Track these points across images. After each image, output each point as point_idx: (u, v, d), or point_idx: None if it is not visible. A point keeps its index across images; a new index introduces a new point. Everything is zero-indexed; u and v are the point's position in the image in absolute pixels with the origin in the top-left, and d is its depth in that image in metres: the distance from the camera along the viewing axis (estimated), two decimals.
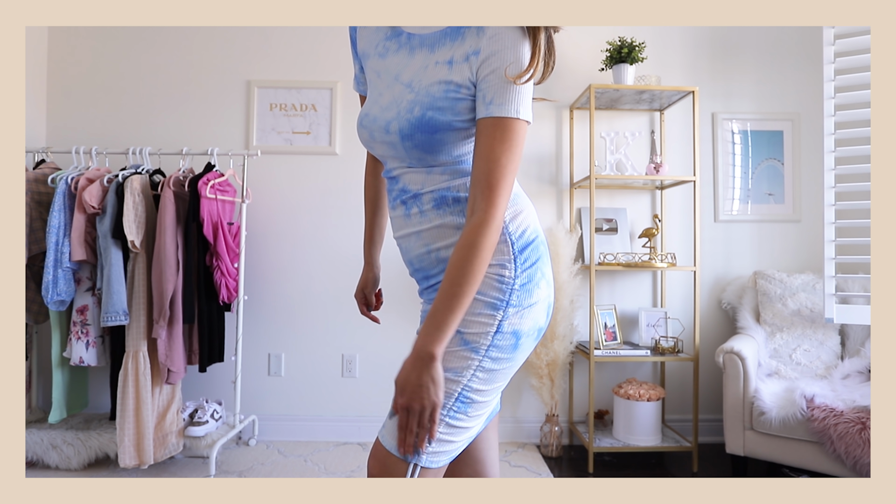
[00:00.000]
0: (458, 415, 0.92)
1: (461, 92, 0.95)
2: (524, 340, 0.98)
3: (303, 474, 2.43)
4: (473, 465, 1.16)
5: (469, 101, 0.95)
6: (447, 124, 0.95)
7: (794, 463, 2.21)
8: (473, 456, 1.16)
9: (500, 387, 0.98)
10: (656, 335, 2.73)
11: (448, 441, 0.92)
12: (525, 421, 2.90)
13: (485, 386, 0.94)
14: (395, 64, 1.03)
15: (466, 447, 1.12)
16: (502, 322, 0.95)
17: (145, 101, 2.92)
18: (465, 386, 0.92)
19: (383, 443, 0.93)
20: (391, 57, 1.04)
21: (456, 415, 0.92)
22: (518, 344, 0.97)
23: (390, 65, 1.03)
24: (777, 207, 2.98)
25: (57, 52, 2.92)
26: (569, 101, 2.95)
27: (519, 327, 0.97)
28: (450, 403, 0.91)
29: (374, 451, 0.94)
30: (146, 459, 2.25)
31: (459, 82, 0.95)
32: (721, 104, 2.99)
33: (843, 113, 2.32)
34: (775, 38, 3.01)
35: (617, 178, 2.64)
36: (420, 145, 0.96)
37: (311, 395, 2.90)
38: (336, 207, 2.92)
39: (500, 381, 0.97)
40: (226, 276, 2.50)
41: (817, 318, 2.57)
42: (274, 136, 2.92)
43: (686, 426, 2.91)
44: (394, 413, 0.92)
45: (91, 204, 2.26)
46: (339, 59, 2.94)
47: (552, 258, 2.67)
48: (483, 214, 0.89)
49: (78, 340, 2.34)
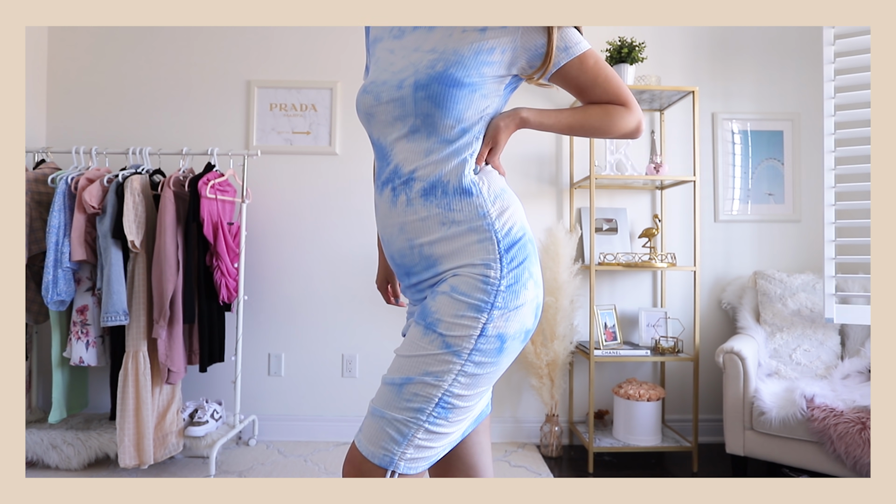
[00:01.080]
0: (438, 420, 0.89)
1: (494, 54, 0.98)
2: (510, 344, 0.93)
3: (303, 474, 2.43)
4: (465, 470, 1.12)
5: (497, 64, 0.98)
6: (467, 83, 0.95)
7: (794, 463, 2.21)
8: (465, 461, 1.12)
9: (484, 391, 0.94)
10: (656, 335, 2.73)
11: (427, 447, 0.90)
12: (525, 421, 2.90)
13: (467, 391, 0.91)
14: (414, 39, 1.02)
15: (456, 450, 1.09)
16: (486, 325, 0.90)
17: (145, 101, 2.92)
18: (447, 391, 0.89)
19: (360, 448, 0.90)
20: (408, 36, 1.04)
21: (436, 420, 0.89)
22: (503, 348, 0.92)
23: (408, 42, 1.03)
24: (777, 207, 2.98)
25: (57, 52, 2.92)
26: (569, 101, 2.95)
27: (504, 330, 0.92)
28: (429, 409, 0.88)
29: (350, 456, 0.91)
30: (146, 459, 2.25)
31: (493, 45, 0.98)
32: (721, 104, 2.99)
33: (843, 113, 2.32)
34: (775, 38, 3.01)
35: (617, 178, 2.64)
36: (432, 97, 0.94)
37: (311, 395, 2.90)
38: (336, 207, 2.92)
39: (483, 386, 0.93)
40: (226, 276, 2.50)
41: (817, 318, 2.57)
42: (274, 136, 2.92)
43: (686, 426, 2.91)
44: (372, 411, 0.91)
45: (91, 204, 2.26)
46: (339, 59, 2.94)
47: (552, 258, 2.67)
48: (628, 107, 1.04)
49: (78, 340, 2.34)
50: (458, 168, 0.97)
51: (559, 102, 2.94)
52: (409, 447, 0.88)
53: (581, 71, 1.01)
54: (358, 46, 2.94)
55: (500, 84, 1.01)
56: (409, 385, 0.89)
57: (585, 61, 1.01)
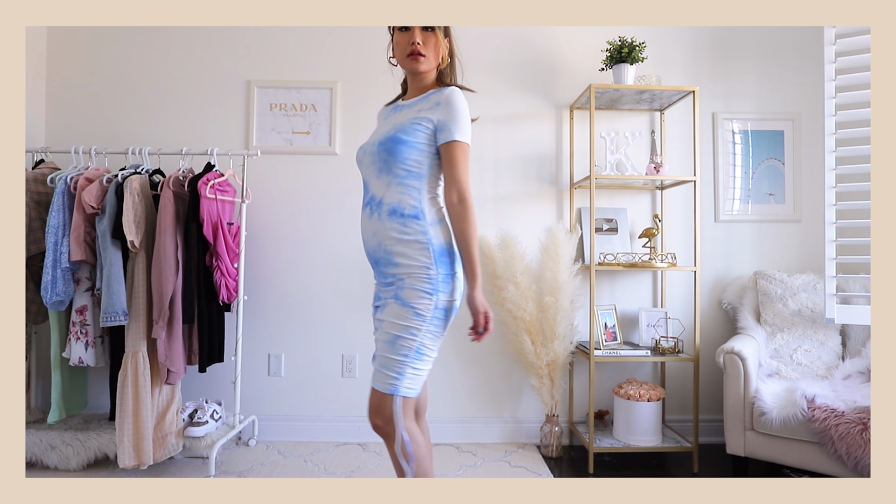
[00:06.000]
0: (417, 361, 1.46)
1: (423, 123, 1.54)
2: (449, 312, 1.52)
3: (303, 474, 2.43)
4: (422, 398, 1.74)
5: (425, 132, 1.53)
6: (406, 142, 1.52)
7: (795, 464, 2.20)
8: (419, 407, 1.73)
9: (439, 342, 1.51)
10: (656, 335, 2.73)
11: (414, 377, 1.46)
12: (525, 421, 2.90)
13: (431, 342, 1.49)
14: (392, 118, 1.64)
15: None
16: (437, 302, 1.48)
17: (145, 100, 2.92)
18: (420, 343, 1.46)
19: (375, 387, 1.46)
20: (391, 116, 1.67)
21: (416, 361, 1.46)
22: (445, 315, 1.51)
23: (390, 119, 1.64)
24: (778, 207, 2.98)
25: (57, 52, 2.92)
26: (569, 101, 2.95)
27: (445, 304, 1.50)
28: (412, 353, 1.45)
29: (371, 398, 1.47)
30: (145, 460, 2.25)
31: (425, 117, 1.54)
32: (721, 104, 2.99)
33: (844, 112, 2.32)
34: (775, 37, 3.01)
35: (617, 178, 2.64)
36: (387, 150, 1.52)
37: (310, 395, 2.90)
38: (336, 207, 2.92)
39: (439, 339, 1.50)
40: (226, 276, 2.50)
41: (818, 318, 2.57)
42: (274, 136, 2.92)
43: (686, 426, 2.91)
44: (378, 365, 1.47)
45: (90, 204, 2.26)
46: (340, 59, 2.94)
47: (552, 258, 2.68)
48: (459, 197, 1.51)
49: (77, 341, 2.34)
50: (408, 198, 1.52)
51: (558, 96, 2.94)
52: (405, 379, 1.44)
53: (445, 150, 1.52)
54: (358, 46, 2.94)
55: (431, 144, 1.54)
56: (398, 340, 1.45)
57: (450, 148, 1.52)
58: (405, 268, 1.49)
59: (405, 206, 1.50)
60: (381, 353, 1.47)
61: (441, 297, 1.48)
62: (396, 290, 1.50)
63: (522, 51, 2.95)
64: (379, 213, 1.52)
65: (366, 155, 1.58)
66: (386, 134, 1.54)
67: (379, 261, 1.55)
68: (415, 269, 1.48)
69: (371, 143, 1.59)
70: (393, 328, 1.46)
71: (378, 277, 1.60)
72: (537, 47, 2.95)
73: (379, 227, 1.52)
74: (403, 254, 1.49)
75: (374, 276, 1.62)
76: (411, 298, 1.46)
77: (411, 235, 1.49)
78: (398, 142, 1.50)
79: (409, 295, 1.47)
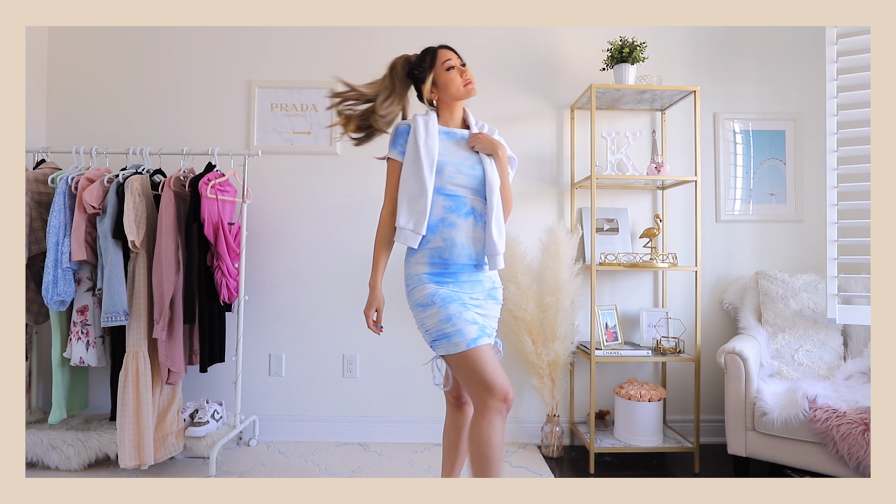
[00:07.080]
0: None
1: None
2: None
3: (303, 475, 2.43)
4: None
5: None
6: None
7: (797, 464, 2.20)
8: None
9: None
10: (657, 335, 2.73)
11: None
12: (526, 421, 2.90)
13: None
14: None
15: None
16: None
17: (146, 100, 2.92)
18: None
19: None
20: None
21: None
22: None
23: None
24: (779, 207, 2.97)
25: (57, 52, 2.92)
26: (570, 101, 2.95)
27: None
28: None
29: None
30: (146, 460, 2.25)
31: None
32: (722, 104, 2.99)
33: (845, 112, 2.32)
34: (776, 37, 3.00)
35: (618, 178, 2.64)
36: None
37: (311, 395, 2.90)
38: (336, 207, 2.92)
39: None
40: (226, 276, 2.50)
41: (820, 318, 2.56)
42: (274, 136, 2.92)
43: (687, 427, 2.90)
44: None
45: (91, 204, 2.26)
46: (340, 59, 2.94)
47: (553, 258, 2.68)
48: None
49: (78, 341, 2.34)
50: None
51: (559, 96, 2.94)
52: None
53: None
54: (358, 46, 2.93)
55: None
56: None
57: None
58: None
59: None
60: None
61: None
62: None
63: (523, 51, 2.94)
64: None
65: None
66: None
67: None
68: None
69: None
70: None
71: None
72: (538, 47, 2.94)
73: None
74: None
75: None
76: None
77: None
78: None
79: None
